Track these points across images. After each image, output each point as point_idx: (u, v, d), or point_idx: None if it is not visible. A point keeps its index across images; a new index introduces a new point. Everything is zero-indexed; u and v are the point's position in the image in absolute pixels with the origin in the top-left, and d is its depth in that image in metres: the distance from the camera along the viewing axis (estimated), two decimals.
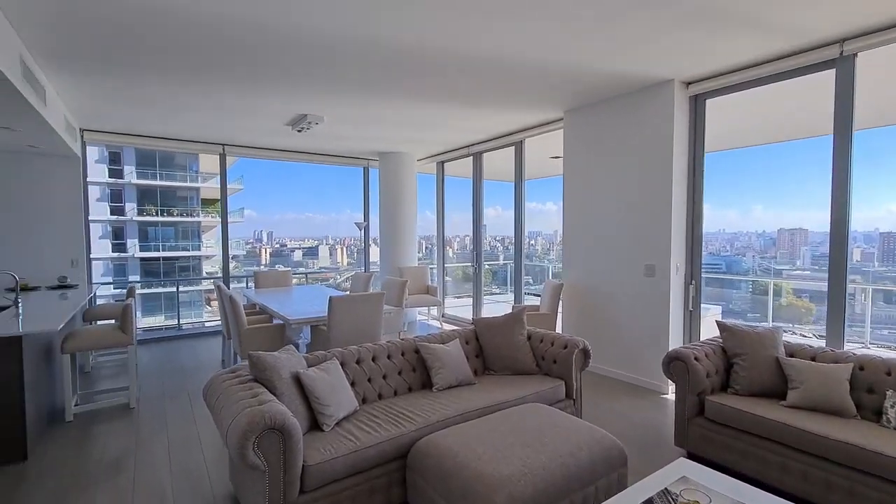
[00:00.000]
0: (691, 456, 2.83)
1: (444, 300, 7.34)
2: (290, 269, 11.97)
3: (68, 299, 4.21)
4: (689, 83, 3.95)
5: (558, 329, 4.79)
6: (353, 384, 2.74)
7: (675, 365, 2.85)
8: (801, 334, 5.91)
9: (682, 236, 4.05)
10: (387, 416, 2.48)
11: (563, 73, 3.71)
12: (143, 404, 3.86)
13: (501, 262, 11.79)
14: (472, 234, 6.84)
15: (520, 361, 3.22)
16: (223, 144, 6.40)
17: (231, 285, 6.93)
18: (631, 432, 3.22)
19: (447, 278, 8.04)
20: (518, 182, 5.92)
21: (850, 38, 3.04)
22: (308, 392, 2.33)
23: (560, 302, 4.81)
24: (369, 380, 2.82)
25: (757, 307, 7.06)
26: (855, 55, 3.08)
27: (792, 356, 2.84)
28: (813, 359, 2.78)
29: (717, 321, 3.03)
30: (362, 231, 7.69)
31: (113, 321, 4.71)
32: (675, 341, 4.03)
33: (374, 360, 2.90)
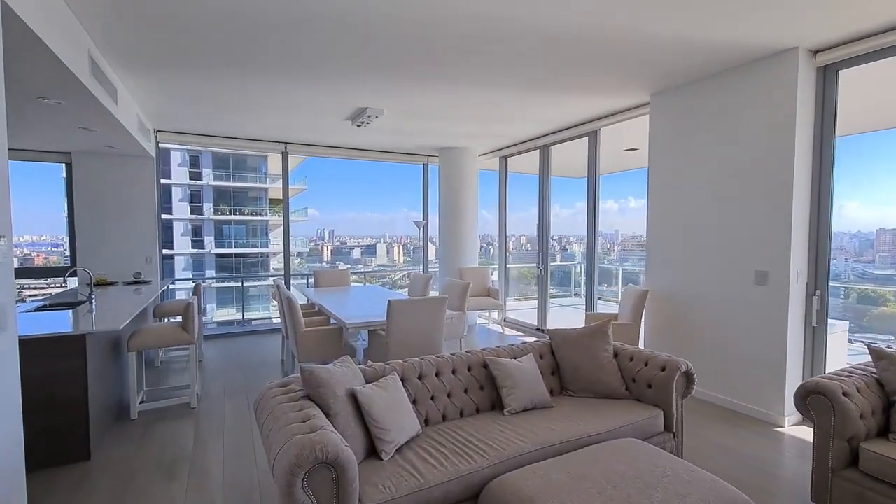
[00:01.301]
0: None
1: (505, 303, 6.91)
2: (349, 267, 12.08)
3: (141, 294, 4.29)
4: (818, 52, 3.25)
5: (641, 343, 4.22)
6: (414, 402, 2.42)
7: (814, 400, 2.25)
8: None
9: (805, 237, 3.35)
10: (453, 444, 2.13)
11: (655, 46, 3.16)
12: (204, 403, 3.81)
13: (559, 261, 11.10)
14: (538, 233, 6.36)
15: (604, 383, 2.75)
16: (285, 143, 6.39)
17: (293, 282, 6.96)
18: (749, 480, 2.64)
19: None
20: (591, 176, 5.37)
21: None
22: (365, 413, 2.03)
23: (643, 312, 4.23)
24: (432, 398, 2.49)
25: (882, 323, 6.03)
26: None
27: None
28: None
29: (869, 347, 2.39)
30: (421, 230, 7.44)
31: (179, 318, 4.76)
32: (794, 363, 3.35)
33: (437, 375, 2.57)
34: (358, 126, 5.16)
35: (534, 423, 2.36)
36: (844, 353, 4.14)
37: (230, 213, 25.30)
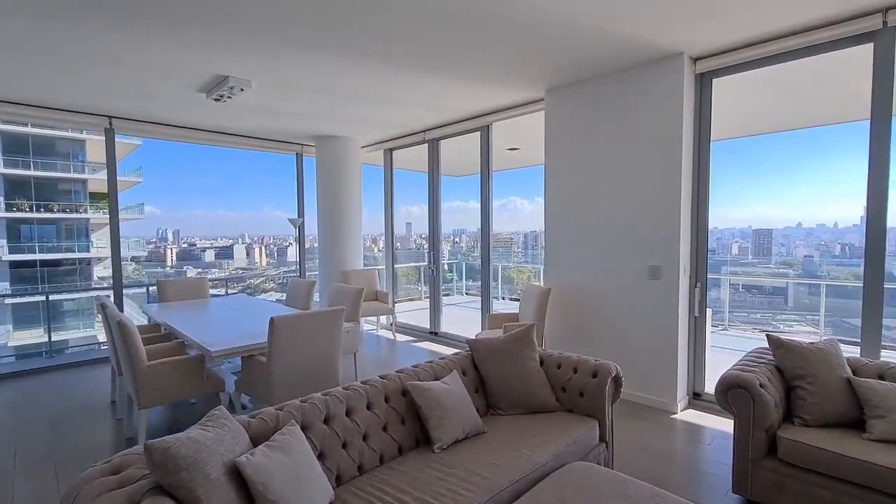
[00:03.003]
0: None
1: (394, 307, 6.44)
2: (203, 273, 10.33)
3: None
4: (697, 59, 3.48)
5: (543, 343, 4.16)
6: (321, 456, 1.83)
7: (734, 393, 2.29)
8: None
9: (688, 234, 3.58)
10: None
11: (550, 32, 3.01)
12: None
13: (447, 260, 11.04)
14: (428, 231, 6.02)
15: (535, 396, 2.49)
16: (110, 116, 4.95)
17: (127, 295, 5.49)
18: (673, 477, 2.63)
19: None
20: (484, 173, 5.22)
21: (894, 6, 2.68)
22: (258, 495, 1.40)
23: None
24: (344, 445, 1.92)
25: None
26: (894, 27, 2.74)
27: (855, 374, 2.40)
28: (881, 377, 2.37)
29: (767, 335, 2.53)
30: (297, 229, 6.54)
31: None
32: (682, 352, 3.56)
33: (349, 413, 2.01)
34: (216, 101, 4.17)
35: (472, 458, 1.96)
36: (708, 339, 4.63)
37: (32, 210, 19.97)
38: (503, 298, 9.33)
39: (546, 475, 1.90)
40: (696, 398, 3.67)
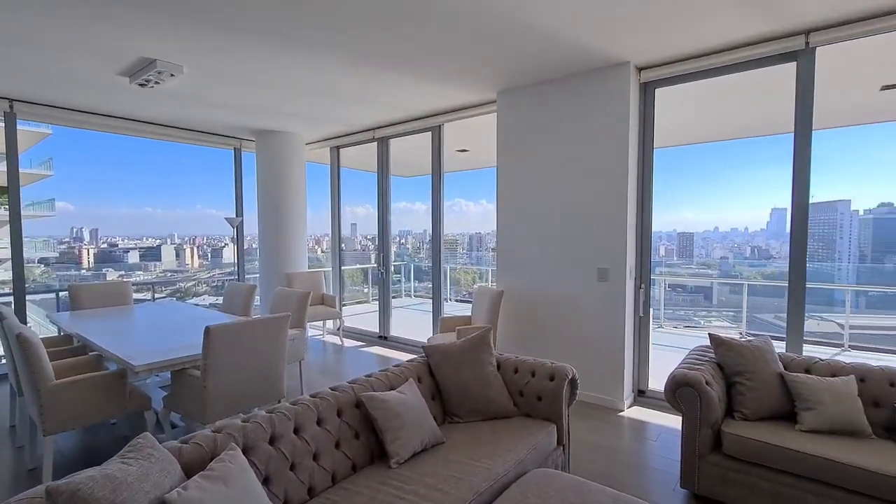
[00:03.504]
0: (701, 499, 2.38)
1: (341, 311, 6.19)
2: (126, 276, 9.45)
3: None
4: (642, 69, 3.61)
5: (498, 345, 4.14)
6: (266, 481, 1.65)
7: (682, 392, 2.36)
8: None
9: (633, 237, 3.71)
10: None
11: (504, 35, 3.00)
12: None
13: (373, 262, 10.75)
14: (378, 232, 5.85)
15: (493, 401, 2.44)
16: (10, 99, 4.34)
17: (31, 301, 4.84)
18: (624, 475, 2.68)
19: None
20: (436, 173, 5.15)
21: (818, 28, 2.92)
22: None
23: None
24: (292, 466, 1.75)
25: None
26: (814, 48, 2.99)
27: (786, 369, 2.58)
28: (808, 371, 2.55)
29: (709, 334, 2.65)
30: (235, 229, 6.11)
31: None
32: (629, 352, 3.68)
33: (297, 431, 1.84)
34: (141, 86, 3.76)
35: (432, 472, 1.86)
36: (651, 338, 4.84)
37: None
38: (448, 300, 9.32)
39: (509, 485, 1.84)
40: (640, 395, 3.81)
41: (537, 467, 2.10)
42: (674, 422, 3.34)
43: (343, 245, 6.74)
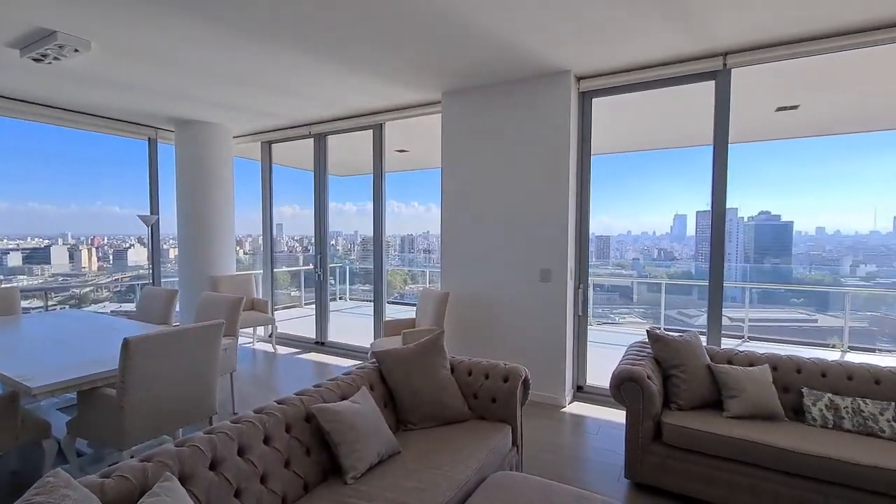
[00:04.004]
0: (643, 488, 2.52)
1: (273, 316, 5.81)
2: (5, 281, 8.22)
3: None
4: (581, 78, 3.78)
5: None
6: None
7: (626, 387, 2.48)
8: None
9: (573, 239, 3.87)
10: None
11: (452, 35, 2.99)
12: None
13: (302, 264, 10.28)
14: (314, 233, 5.57)
15: (448, 406, 2.40)
16: None
17: None
18: (571, 470, 2.76)
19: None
20: (377, 174, 5.01)
21: (734, 51, 3.23)
22: None
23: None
24: (237, 492, 1.58)
25: None
26: (730, 69, 3.30)
27: (712, 360, 2.81)
28: (730, 362, 2.80)
29: (647, 330, 2.82)
30: (150, 228, 5.50)
31: None
32: (570, 349, 3.83)
33: (241, 453, 1.66)
34: (36, 61, 3.25)
35: (392, 485, 1.78)
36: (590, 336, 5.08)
37: None
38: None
39: (472, 491, 1.81)
40: (579, 391, 3.97)
41: (495, 470, 2.09)
42: (611, 415, 3.51)
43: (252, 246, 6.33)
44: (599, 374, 3.95)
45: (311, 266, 5.65)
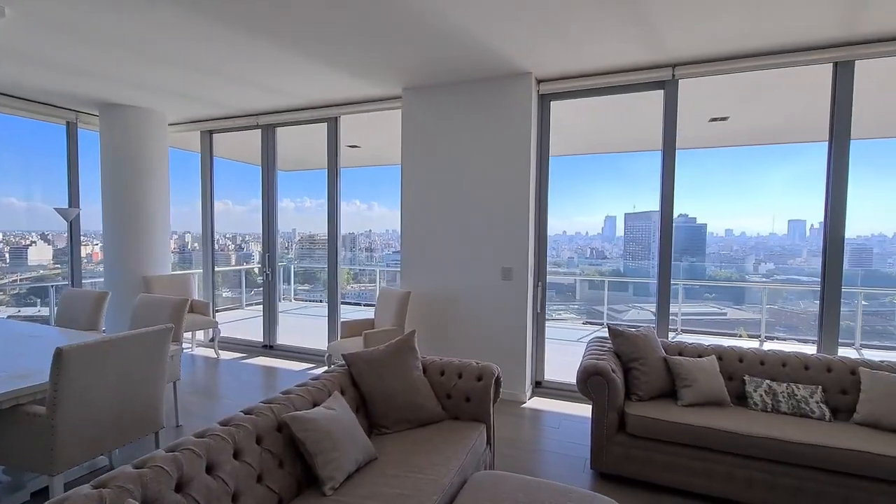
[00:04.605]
0: (607, 477, 2.62)
1: (215, 318, 5.41)
2: None
3: None
4: (541, 81, 3.86)
5: None
6: None
7: (593, 381, 2.57)
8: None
9: (532, 238, 3.95)
10: None
11: (415, 30, 2.94)
12: None
13: (233, 263, 9.77)
14: (262, 230, 5.27)
15: (423, 408, 2.35)
16: None
17: None
18: (538, 464, 2.81)
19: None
20: (332, 169, 4.83)
21: (682, 63, 3.44)
22: None
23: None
24: None
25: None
26: (678, 80, 3.53)
27: (666, 353, 2.98)
28: (681, 353, 2.99)
29: (608, 326, 2.94)
30: (69, 224, 4.91)
31: None
32: (530, 346, 3.91)
33: (210, 470, 1.51)
34: None
35: (373, 493, 1.71)
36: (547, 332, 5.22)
37: None
38: (321, 301, 8.90)
39: (456, 493, 1.78)
40: (538, 386, 4.07)
41: (474, 470, 2.08)
42: (570, 409, 3.64)
43: (196, 245, 5.91)
44: (550, 368, 4.08)
45: (256, 265, 5.33)
